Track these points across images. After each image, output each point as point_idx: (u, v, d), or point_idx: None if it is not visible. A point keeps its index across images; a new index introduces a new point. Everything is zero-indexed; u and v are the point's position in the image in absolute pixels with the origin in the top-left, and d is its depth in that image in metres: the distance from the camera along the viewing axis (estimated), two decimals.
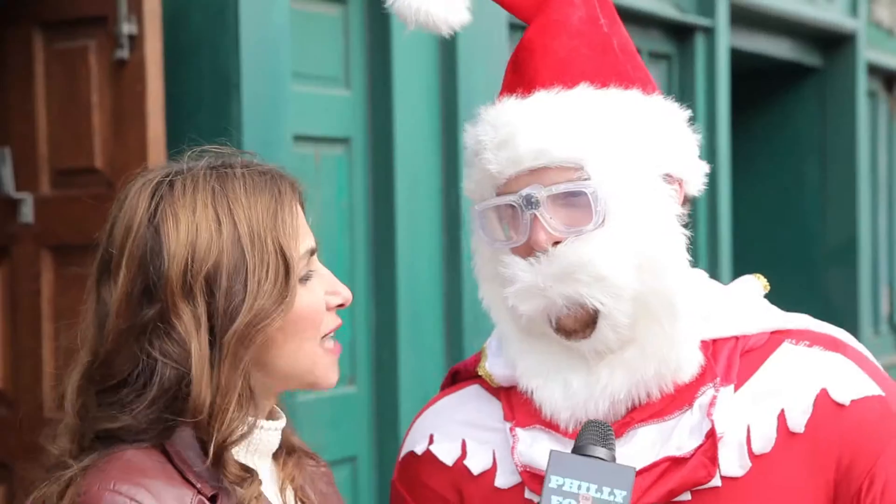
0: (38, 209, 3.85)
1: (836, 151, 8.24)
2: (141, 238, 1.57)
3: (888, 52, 8.78)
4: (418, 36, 4.63)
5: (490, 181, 1.77)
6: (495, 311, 1.83)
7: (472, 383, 1.92)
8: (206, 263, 1.54)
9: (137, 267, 1.57)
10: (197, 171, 1.61)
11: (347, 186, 4.42)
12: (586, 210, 1.72)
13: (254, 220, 1.58)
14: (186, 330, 1.54)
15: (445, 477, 1.86)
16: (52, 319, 3.79)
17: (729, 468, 1.71)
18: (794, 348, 1.79)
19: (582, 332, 1.73)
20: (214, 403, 1.54)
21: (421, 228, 4.57)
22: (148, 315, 1.55)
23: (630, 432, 1.74)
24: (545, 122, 1.73)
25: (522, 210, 1.72)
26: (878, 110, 8.99)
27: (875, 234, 8.84)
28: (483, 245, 1.83)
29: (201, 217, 1.56)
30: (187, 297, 1.54)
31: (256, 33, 3.86)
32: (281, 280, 1.58)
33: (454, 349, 4.64)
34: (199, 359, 1.54)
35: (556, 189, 1.71)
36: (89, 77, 3.71)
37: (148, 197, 1.59)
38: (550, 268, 1.71)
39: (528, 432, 1.79)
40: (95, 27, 3.70)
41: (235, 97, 3.81)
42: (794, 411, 1.73)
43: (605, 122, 1.74)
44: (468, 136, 1.83)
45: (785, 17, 7.38)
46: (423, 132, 4.58)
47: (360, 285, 4.46)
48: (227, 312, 1.55)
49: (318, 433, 4.23)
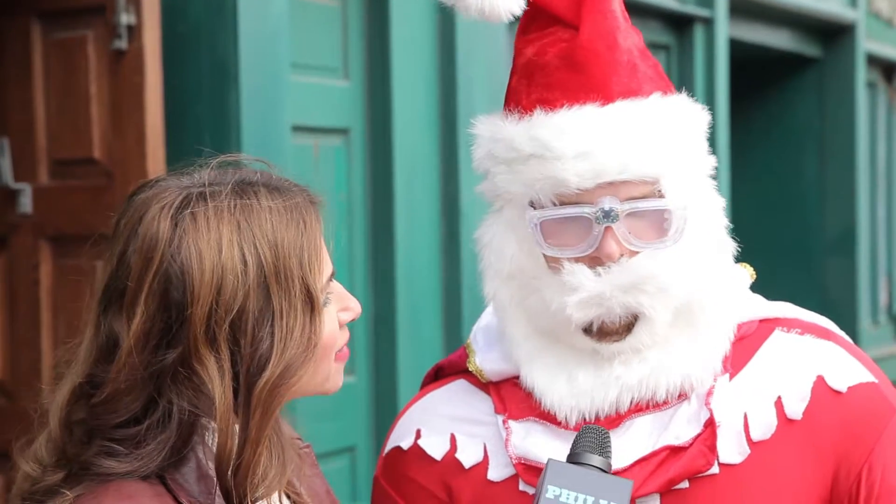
0: (37, 199, 3.85)
1: (835, 142, 8.24)
2: (162, 274, 1.46)
3: (887, 43, 8.78)
4: (417, 27, 4.63)
5: (553, 188, 1.71)
6: (506, 310, 1.80)
7: (457, 378, 1.91)
8: (232, 309, 1.45)
9: (157, 305, 1.46)
10: (219, 198, 1.49)
11: (346, 177, 4.42)
12: (660, 225, 1.71)
13: (280, 261, 1.48)
14: (210, 377, 1.45)
15: (433, 471, 1.84)
16: (51, 310, 3.80)
17: (727, 455, 1.72)
18: (786, 336, 1.80)
19: (618, 336, 1.73)
20: (243, 456, 1.45)
21: (419, 219, 4.57)
22: (169, 359, 1.45)
23: (626, 422, 1.74)
24: (628, 136, 1.71)
25: (598, 222, 1.70)
26: (877, 101, 8.99)
27: (874, 224, 8.85)
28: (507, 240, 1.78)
29: (227, 257, 1.46)
30: (211, 343, 1.45)
31: (255, 24, 3.86)
32: (308, 324, 1.50)
33: (452, 339, 4.65)
34: (223, 409, 1.44)
35: (640, 205, 1.70)
36: (87, 68, 3.71)
37: (169, 228, 1.47)
38: (621, 279, 1.69)
39: (522, 424, 1.78)
40: (94, 17, 3.69)
41: (234, 88, 3.81)
42: (791, 398, 1.74)
43: (677, 135, 1.75)
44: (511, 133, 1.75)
45: (784, 7, 7.37)
46: (422, 123, 4.58)
47: (359, 276, 4.46)
48: (254, 360, 1.46)
49: (317, 423, 4.24)
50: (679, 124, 1.76)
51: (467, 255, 4.65)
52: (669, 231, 1.71)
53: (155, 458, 1.45)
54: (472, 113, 5.09)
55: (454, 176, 4.63)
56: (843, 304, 8.09)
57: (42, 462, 1.51)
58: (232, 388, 1.46)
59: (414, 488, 1.86)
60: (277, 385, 1.46)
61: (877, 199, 8.95)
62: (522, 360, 1.78)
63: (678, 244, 1.72)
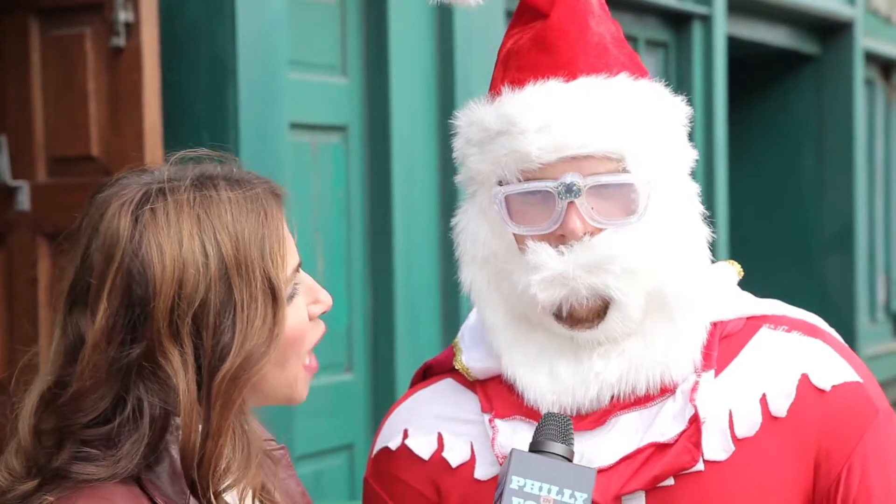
0: (35, 197, 3.85)
1: (833, 139, 8.24)
2: (124, 271, 1.46)
3: (885, 40, 8.78)
4: (415, 24, 4.63)
5: (518, 164, 1.71)
6: (482, 296, 1.79)
7: (444, 377, 1.90)
8: (194, 303, 1.46)
9: (120, 301, 1.46)
10: (179, 192, 1.50)
11: (344, 174, 4.42)
12: (625, 202, 1.70)
13: (241, 252, 1.49)
14: (174, 371, 1.45)
15: (421, 471, 1.83)
16: (49, 307, 3.79)
17: (712, 452, 1.71)
18: (772, 333, 1.79)
19: (590, 322, 1.71)
20: (205, 448, 1.45)
21: (417, 216, 4.57)
22: (133, 354, 1.46)
23: (612, 420, 1.74)
24: (592, 111, 1.70)
25: (560, 197, 1.69)
26: (874, 98, 8.99)
27: (871, 221, 8.85)
28: (480, 224, 1.78)
29: (188, 250, 1.46)
30: (174, 337, 1.46)
31: (253, 21, 3.86)
32: (270, 315, 1.50)
33: (451, 337, 4.65)
34: (187, 401, 1.45)
35: (602, 179, 1.68)
36: (85, 65, 3.71)
37: (129, 224, 1.48)
38: (584, 257, 1.68)
39: (508, 423, 1.77)
40: (92, 15, 3.69)
41: (232, 85, 3.81)
42: (776, 396, 1.73)
43: (644, 114, 1.73)
44: (482, 114, 1.76)
45: (782, 4, 7.38)
46: (420, 120, 4.58)
47: (357, 273, 4.46)
48: (215, 352, 1.46)
49: (315, 421, 4.24)
50: (648, 106, 1.74)
51: None
52: (636, 210, 1.70)
53: (133, 458, 1.45)
54: None
55: (452, 173, 4.62)
56: (841, 301, 8.10)
57: (13, 472, 1.49)
58: (196, 381, 1.46)
59: (403, 488, 1.85)
60: (237, 376, 1.46)
61: (875, 196, 8.95)
62: (502, 348, 1.78)
63: (643, 223, 1.70)
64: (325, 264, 4.33)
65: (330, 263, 4.36)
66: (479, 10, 1.95)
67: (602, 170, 1.69)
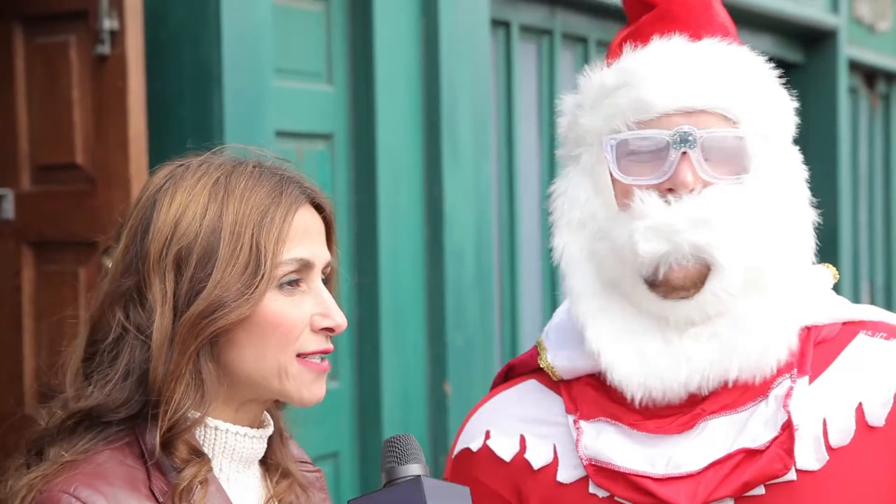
0: (19, 205, 3.83)
1: (817, 147, 8.26)
2: (140, 211, 1.61)
3: (869, 49, 8.81)
4: (401, 32, 4.63)
5: (634, 113, 1.70)
6: (572, 263, 1.75)
7: (527, 378, 1.86)
8: (182, 243, 1.57)
9: (131, 238, 1.60)
10: (214, 162, 1.65)
11: (330, 182, 4.41)
12: (737, 161, 1.69)
13: (240, 213, 1.58)
14: (154, 302, 1.56)
15: (503, 473, 1.80)
16: (33, 316, 3.78)
17: (805, 461, 1.66)
18: (870, 340, 1.75)
19: (686, 291, 1.67)
20: (164, 384, 1.54)
21: (403, 224, 4.56)
22: (126, 284, 1.58)
23: (701, 424, 1.69)
24: (713, 68, 1.70)
25: (674, 147, 1.67)
26: (859, 106, 9.01)
27: (856, 229, 8.87)
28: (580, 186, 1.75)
29: (193, 200, 1.59)
30: (159, 272, 1.57)
31: (238, 28, 3.85)
32: (248, 276, 1.56)
33: (436, 344, 4.64)
34: (159, 336, 1.55)
35: (717, 133, 1.68)
36: (70, 72, 3.70)
37: (164, 176, 1.64)
38: (691, 209, 1.65)
39: (593, 425, 1.73)
40: (76, 22, 3.68)
41: (217, 93, 3.80)
42: (873, 405, 1.68)
43: (759, 81, 1.74)
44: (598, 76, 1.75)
45: (766, 13, 7.39)
46: (406, 128, 4.58)
47: (343, 281, 4.45)
48: (187, 294, 1.56)
49: (300, 429, 4.22)
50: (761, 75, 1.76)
51: (451, 259, 4.65)
52: (747, 169, 1.68)
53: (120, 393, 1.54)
54: (455, 118, 5.11)
55: (438, 181, 4.63)
56: None
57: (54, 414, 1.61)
58: (171, 319, 1.56)
59: (483, 491, 1.80)
60: (197, 321, 1.54)
61: (859, 203, 8.97)
62: (587, 318, 1.73)
63: (753, 185, 1.68)
64: None
65: None
66: (465, 18, 1.96)
67: (717, 126, 1.69)
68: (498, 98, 5.32)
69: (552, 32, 5.64)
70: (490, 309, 4.92)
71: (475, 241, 4.78)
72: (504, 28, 5.35)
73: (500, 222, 5.30)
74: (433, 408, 4.65)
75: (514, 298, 5.41)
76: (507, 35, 5.38)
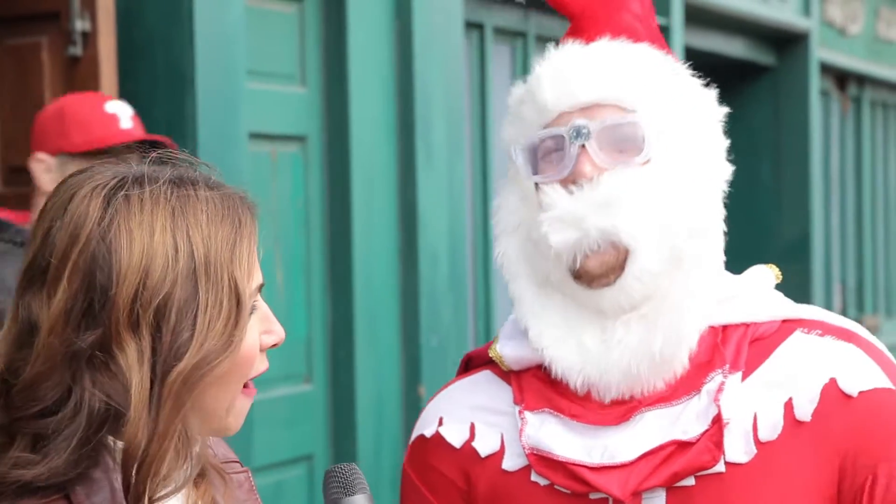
0: None
1: (789, 149, 8.30)
2: (89, 252, 1.41)
3: (840, 52, 8.86)
4: (374, 34, 4.63)
5: (538, 116, 1.80)
6: (511, 267, 1.84)
7: (483, 369, 1.93)
8: (158, 295, 1.41)
9: (80, 283, 1.41)
10: (157, 185, 1.46)
11: (303, 184, 4.41)
12: (634, 145, 1.75)
13: (212, 252, 1.44)
14: (129, 364, 1.40)
15: (453, 459, 1.86)
16: None
17: (734, 454, 1.71)
18: (805, 337, 1.79)
19: (606, 278, 1.73)
20: (149, 449, 1.40)
21: (377, 226, 4.56)
22: (87, 341, 1.40)
23: (637, 416, 1.74)
24: (603, 63, 1.79)
25: (571, 141, 1.74)
26: (830, 109, 9.07)
27: (828, 231, 8.92)
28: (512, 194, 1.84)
29: (158, 241, 1.42)
30: (133, 328, 1.40)
31: (211, 30, 3.84)
32: (232, 321, 1.45)
33: (410, 347, 4.64)
34: (139, 398, 1.39)
35: (608, 121, 1.74)
36: (42, 74, 3.68)
37: (100, 206, 1.43)
38: (592, 196, 1.72)
39: (537, 415, 1.79)
40: (48, 23, 3.67)
41: (190, 94, 3.79)
42: (801, 400, 1.72)
43: (655, 73, 1.82)
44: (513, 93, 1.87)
45: (739, 16, 7.43)
46: (379, 130, 4.58)
47: (317, 283, 4.45)
48: (172, 349, 1.41)
49: (274, 432, 4.22)
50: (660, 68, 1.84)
51: (425, 262, 4.65)
52: (642, 150, 1.75)
53: (62, 454, 1.39)
54: (429, 120, 5.11)
55: (412, 183, 4.63)
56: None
57: None
58: (150, 379, 1.41)
59: (436, 476, 1.88)
60: (190, 377, 1.41)
61: (831, 206, 9.03)
62: (529, 318, 1.81)
63: (652, 167, 1.75)
64: (284, 274, 4.32)
65: (289, 273, 4.35)
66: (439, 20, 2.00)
67: (611, 116, 1.76)
68: (472, 100, 5.32)
69: (526, 35, 5.66)
70: (464, 311, 4.93)
71: (449, 243, 4.79)
72: (478, 30, 5.36)
73: (473, 224, 5.31)
74: (407, 410, 4.65)
75: (489, 301, 5.42)
76: (481, 37, 5.39)
